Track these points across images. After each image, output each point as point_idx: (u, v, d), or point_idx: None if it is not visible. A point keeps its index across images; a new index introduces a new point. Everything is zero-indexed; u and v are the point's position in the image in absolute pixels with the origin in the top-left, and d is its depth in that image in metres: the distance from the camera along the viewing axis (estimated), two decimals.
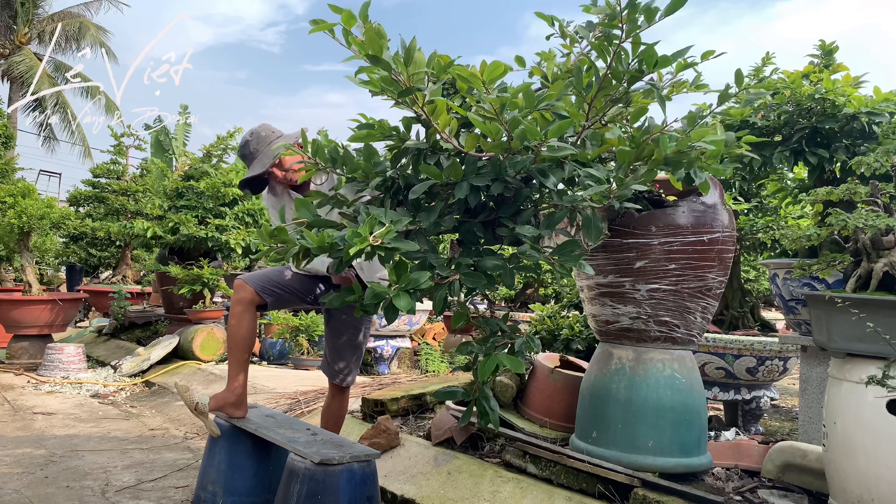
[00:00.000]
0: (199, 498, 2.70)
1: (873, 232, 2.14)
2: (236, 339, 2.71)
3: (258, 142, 2.77)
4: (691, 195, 2.50)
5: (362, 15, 1.82)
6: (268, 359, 6.58)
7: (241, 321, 2.69)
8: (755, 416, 3.61)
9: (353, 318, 2.90)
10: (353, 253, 1.70)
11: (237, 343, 2.71)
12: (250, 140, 2.79)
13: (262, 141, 2.77)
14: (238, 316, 2.69)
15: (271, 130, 2.81)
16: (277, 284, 2.75)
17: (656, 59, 1.90)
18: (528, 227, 1.94)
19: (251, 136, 2.79)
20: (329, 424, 2.96)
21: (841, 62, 3.34)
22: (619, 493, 2.36)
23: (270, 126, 2.84)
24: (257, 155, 2.75)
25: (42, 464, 3.49)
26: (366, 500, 2.33)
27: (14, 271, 9.80)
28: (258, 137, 2.78)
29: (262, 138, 2.77)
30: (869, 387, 1.93)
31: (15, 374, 6.38)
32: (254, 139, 2.78)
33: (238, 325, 2.69)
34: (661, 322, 2.51)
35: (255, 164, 2.75)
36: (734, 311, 3.83)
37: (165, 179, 8.66)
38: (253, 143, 2.77)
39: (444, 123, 1.94)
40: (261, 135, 2.78)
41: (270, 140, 2.76)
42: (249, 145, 2.78)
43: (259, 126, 2.83)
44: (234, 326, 2.70)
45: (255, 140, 2.78)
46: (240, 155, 2.85)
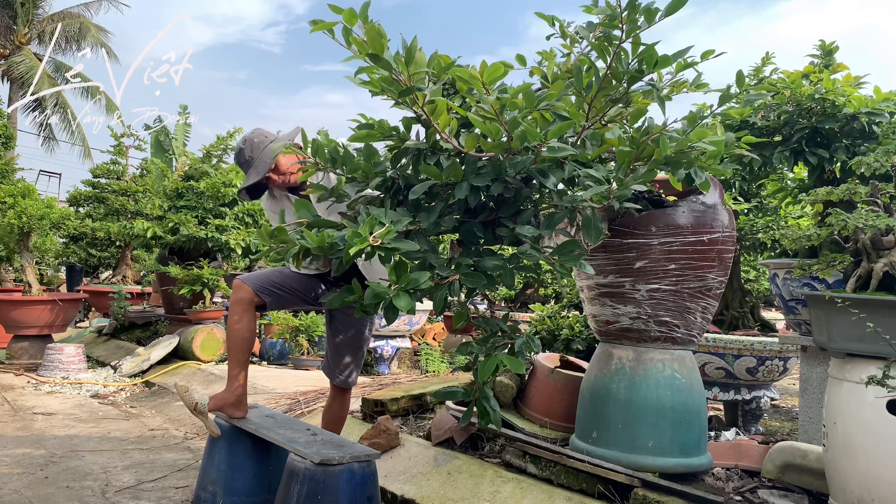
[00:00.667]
0: (199, 498, 2.70)
1: (873, 232, 2.14)
2: (236, 340, 2.70)
3: (252, 149, 2.76)
4: (691, 195, 2.50)
5: (362, 15, 1.82)
6: (268, 359, 6.58)
7: (240, 322, 2.69)
8: (755, 416, 3.61)
9: (354, 318, 2.89)
10: (353, 253, 1.70)
11: (236, 343, 2.70)
12: (244, 148, 2.78)
13: (255, 147, 2.76)
14: (237, 316, 2.69)
15: (264, 136, 2.80)
16: (276, 284, 2.75)
17: (656, 59, 1.91)
18: (528, 227, 1.94)
19: (245, 143, 2.79)
20: (330, 425, 2.96)
21: (841, 62, 3.34)
22: (619, 494, 2.36)
23: (263, 131, 2.83)
24: (253, 162, 2.75)
25: (42, 464, 3.49)
26: (366, 500, 2.33)
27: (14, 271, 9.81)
28: (251, 144, 2.77)
29: (255, 145, 2.76)
30: (869, 387, 1.92)
31: (15, 375, 6.38)
32: (248, 147, 2.77)
33: (237, 326, 2.69)
34: (661, 322, 2.51)
35: (252, 171, 2.75)
36: (734, 311, 3.83)
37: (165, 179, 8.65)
38: (247, 150, 2.77)
39: (444, 123, 1.94)
40: (254, 141, 2.77)
41: (265, 145, 2.75)
42: (244, 153, 2.78)
43: (252, 132, 2.83)
44: (234, 327, 2.70)
45: (248, 148, 2.77)
46: (236, 163, 2.86)
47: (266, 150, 2.73)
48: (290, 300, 2.81)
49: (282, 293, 2.75)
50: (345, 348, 2.93)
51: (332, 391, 3.02)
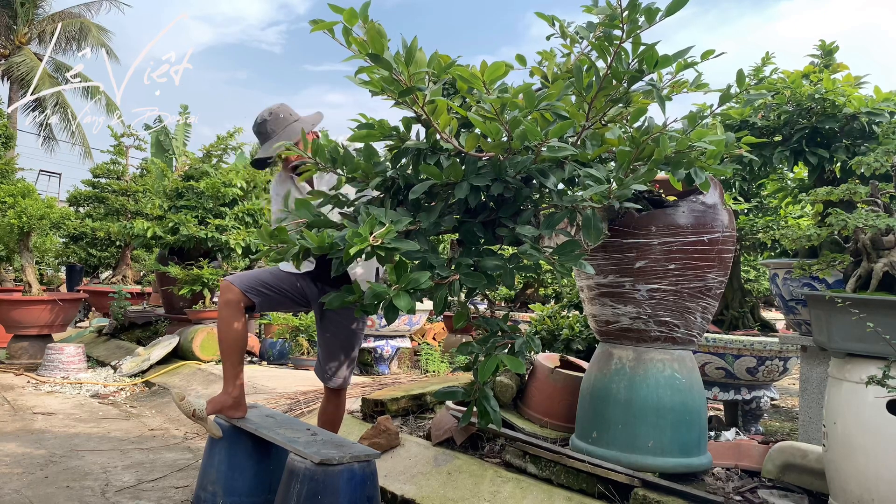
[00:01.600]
0: (199, 498, 2.70)
1: (873, 232, 2.14)
2: (228, 342, 2.64)
3: (276, 123, 2.75)
4: (691, 195, 2.50)
5: (363, 14, 1.82)
6: (268, 359, 6.58)
7: (229, 324, 2.63)
8: (755, 416, 3.62)
9: (345, 318, 2.86)
10: (354, 253, 1.70)
11: (229, 346, 2.65)
12: (269, 120, 2.76)
13: (279, 123, 2.75)
14: (226, 319, 2.63)
15: (289, 113, 2.79)
16: (264, 284, 2.70)
17: (657, 59, 1.91)
18: (528, 227, 1.94)
19: (270, 115, 2.77)
20: (326, 427, 2.93)
21: (841, 62, 3.34)
22: (619, 494, 2.36)
23: (289, 108, 2.81)
24: (272, 136, 2.74)
25: (42, 464, 3.49)
26: (366, 500, 2.33)
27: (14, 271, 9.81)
28: (276, 119, 2.76)
29: (280, 120, 2.76)
30: (869, 387, 1.92)
31: (15, 374, 6.38)
32: (272, 120, 2.76)
33: (227, 328, 2.63)
34: (661, 322, 2.51)
35: (268, 145, 2.74)
36: (734, 311, 3.83)
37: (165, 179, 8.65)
38: (271, 123, 2.76)
39: (444, 123, 1.94)
40: (280, 116, 2.76)
41: (288, 123, 2.74)
42: (267, 125, 2.76)
43: (278, 106, 2.81)
44: (224, 329, 2.64)
45: (273, 121, 2.76)
46: (255, 132, 2.83)
47: (289, 128, 2.72)
48: (279, 300, 2.77)
49: (270, 293, 2.71)
50: (337, 349, 2.89)
51: (326, 393, 2.99)
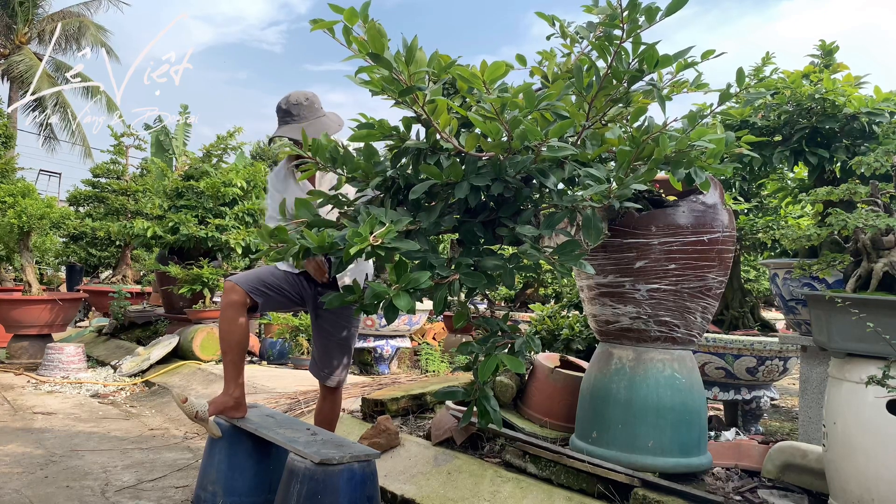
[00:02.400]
0: (199, 498, 2.70)
1: (873, 232, 2.14)
2: (230, 342, 2.67)
3: (309, 110, 2.80)
4: (691, 195, 2.50)
5: (363, 14, 1.82)
6: (268, 359, 6.58)
7: (232, 324, 2.65)
8: (755, 416, 3.62)
9: (340, 316, 2.87)
10: (354, 253, 1.70)
11: (231, 346, 2.67)
12: (304, 105, 2.79)
13: (313, 112, 2.80)
14: (229, 319, 2.65)
15: (320, 107, 2.83)
16: (266, 285, 2.73)
17: (657, 59, 1.91)
18: (528, 227, 1.94)
19: (307, 101, 2.81)
20: (322, 426, 2.93)
21: (841, 62, 3.34)
22: (619, 493, 2.36)
23: (319, 102, 2.85)
24: (300, 121, 2.77)
25: (42, 464, 3.49)
26: (366, 500, 2.33)
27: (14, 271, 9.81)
28: (311, 107, 2.80)
29: (314, 109, 2.81)
30: (869, 387, 1.92)
31: (15, 374, 6.38)
32: (308, 105, 2.80)
33: (230, 328, 2.65)
34: (661, 322, 2.51)
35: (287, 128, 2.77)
36: (734, 311, 3.83)
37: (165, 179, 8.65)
38: (306, 108, 2.79)
39: (444, 123, 1.94)
40: (314, 105, 2.81)
41: (316, 116, 2.79)
42: (302, 108, 2.79)
43: (312, 96, 2.84)
44: (227, 330, 2.66)
45: (308, 107, 2.80)
46: (283, 108, 2.83)
47: (317, 121, 2.76)
48: (280, 300, 2.80)
49: (272, 293, 2.73)
50: (332, 347, 2.91)
51: (321, 391, 3.00)
